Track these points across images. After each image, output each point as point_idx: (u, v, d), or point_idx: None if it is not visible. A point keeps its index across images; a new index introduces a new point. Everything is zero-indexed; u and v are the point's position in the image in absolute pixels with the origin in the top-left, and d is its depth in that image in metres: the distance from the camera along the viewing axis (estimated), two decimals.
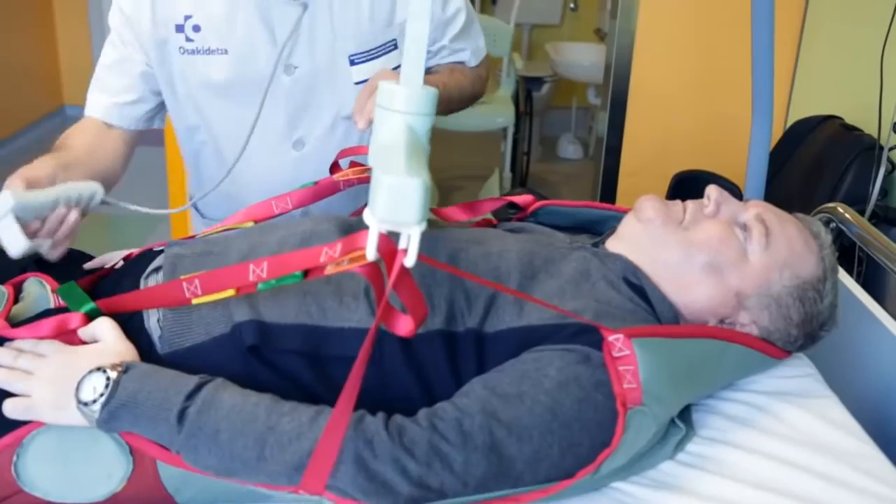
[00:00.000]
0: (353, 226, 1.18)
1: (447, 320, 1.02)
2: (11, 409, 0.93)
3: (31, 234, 1.05)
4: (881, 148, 1.86)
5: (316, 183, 1.31)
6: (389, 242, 0.80)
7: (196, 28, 1.38)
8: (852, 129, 2.07)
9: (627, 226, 1.16)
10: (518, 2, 4.29)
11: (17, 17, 5.27)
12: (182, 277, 0.99)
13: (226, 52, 1.38)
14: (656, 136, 2.70)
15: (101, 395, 0.90)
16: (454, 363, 1.01)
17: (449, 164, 4.41)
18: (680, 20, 2.58)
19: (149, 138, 1.58)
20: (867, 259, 1.65)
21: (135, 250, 1.24)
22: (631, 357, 0.96)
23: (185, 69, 1.40)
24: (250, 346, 0.98)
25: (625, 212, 1.21)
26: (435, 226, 1.28)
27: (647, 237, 1.13)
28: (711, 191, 1.14)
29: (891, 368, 1.29)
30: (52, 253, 1.12)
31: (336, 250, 0.91)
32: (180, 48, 1.39)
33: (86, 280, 1.13)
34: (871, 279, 1.71)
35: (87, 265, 1.22)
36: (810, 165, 2.07)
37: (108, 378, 0.91)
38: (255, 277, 0.96)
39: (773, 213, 1.13)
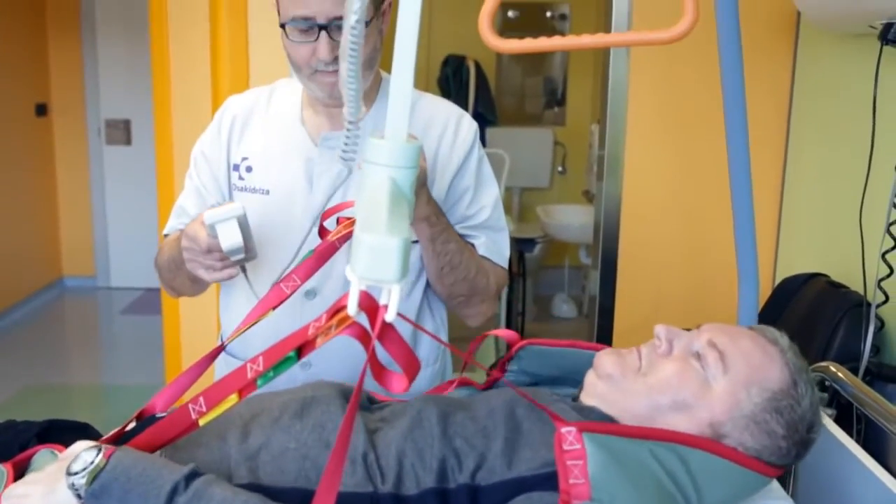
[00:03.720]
0: (351, 390, 1.20)
1: (439, 478, 1.04)
2: None
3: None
4: (869, 305, 1.88)
5: (314, 251, 1.32)
6: (371, 299, 0.81)
7: (249, 169, 1.51)
8: (839, 286, 2.10)
9: (590, 382, 1.18)
10: (507, 166, 4.44)
11: (21, 191, 5.42)
12: (187, 401, 1.02)
13: (267, 192, 1.49)
14: (648, 295, 2.73)
15: (92, 462, 0.93)
16: None
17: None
18: (664, 182, 2.67)
19: (146, 307, 1.64)
20: (866, 417, 1.64)
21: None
22: (581, 451, 0.96)
23: None
24: None
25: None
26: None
27: (611, 391, 1.14)
28: (659, 329, 1.16)
29: None
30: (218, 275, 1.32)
31: (322, 320, 0.93)
32: (233, 185, 1.53)
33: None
34: (872, 436, 1.69)
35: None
36: (800, 324, 2.08)
37: (98, 450, 0.95)
38: (254, 374, 0.98)
39: (724, 334, 1.14)
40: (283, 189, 1.49)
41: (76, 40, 5.71)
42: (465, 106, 5.23)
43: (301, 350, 0.98)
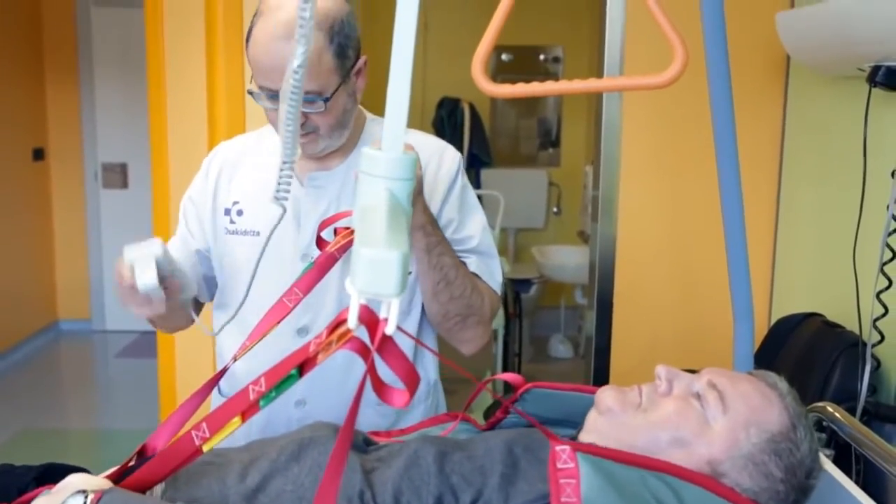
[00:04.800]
0: None
1: None
2: None
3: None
4: (864, 344, 1.89)
5: (314, 263, 1.32)
6: (371, 312, 0.81)
7: (239, 213, 1.55)
8: (834, 325, 2.10)
9: (591, 419, 1.18)
10: (502, 207, 4.46)
11: (17, 235, 5.42)
12: (190, 428, 1.02)
13: (257, 233, 1.52)
14: (644, 335, 2.73)
15: None
16: None
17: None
18: (659, 222, 2.68)
19: (141, 350, 1.66)
20: (864, 457, 1.64)
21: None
22: (574, 470, 0.95)
23: (227, 249, 1.57)
24: None
25: None
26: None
27: (611, 427, 1.14)
28: (660, 370, 1.17)
29: None
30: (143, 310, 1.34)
31: (323, 336, 0.93)
32: (225, 229, 1.56)
33: None
34: (871, 477, 1.69)
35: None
36: (797, 364, 2.09)
37: (86, 496, 0.94)
38: (256, 395, 0.98)
39: (724, 377, 1.15)
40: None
41: (74, 85, 5.75)
42: (459, 147, 5.27)
43: (303, 367, 0.98)
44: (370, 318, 0.82)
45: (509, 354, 4.28)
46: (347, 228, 1.35)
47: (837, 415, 1.55)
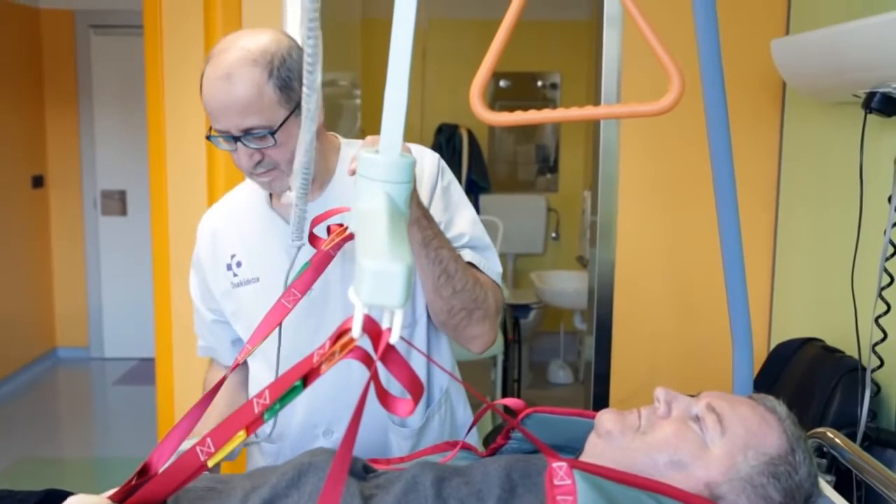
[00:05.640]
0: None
1: None
2: None
3: None
4: (864, 369, 1.88)
5: (310, 262, 1.30)
6: (374, 323, 0.81)
7: (238, 264, 1.58)
8: (833, 350, 2.10)
9: (591, 444, 1.18)
10: (501, 233, 4.46)
11: (16, 262, 5.42)
12: (195, 444, 1.01)
13: (257, 280, 1.55)
14: (644, 360, 2.72)
15: None
16: None
17: None
18: (657, 247, 2.68)
19: (139, 378, 1.67)
20: (865, 483, 1.63)
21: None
22: (571, 487, 0.95)
23: (239, 303, 1.59)
24: None
25: None
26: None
27: (610, 449, 1.14)
28: (659, 392, 1.17)
29: None
30: None
31: (326, 346, 0.93)
32: (231, 283, 1.59)
33: None
34: (873, 503, 1.68)
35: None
36: (796, 389, 2.08)
37: None
38: (260, 408, 0.97)
39: (723, 400, 1.15)
40: (269, 272, 1.54)
41: (73, 112, 5.77)
42: (458, 173, 5.30)
43: (307, 378, 0.98)
44: (373, 328, 0.82)
45: (508, 380, 4.27)
46: (341, 225, 1.33)
47: (838, 440, 1.54)
